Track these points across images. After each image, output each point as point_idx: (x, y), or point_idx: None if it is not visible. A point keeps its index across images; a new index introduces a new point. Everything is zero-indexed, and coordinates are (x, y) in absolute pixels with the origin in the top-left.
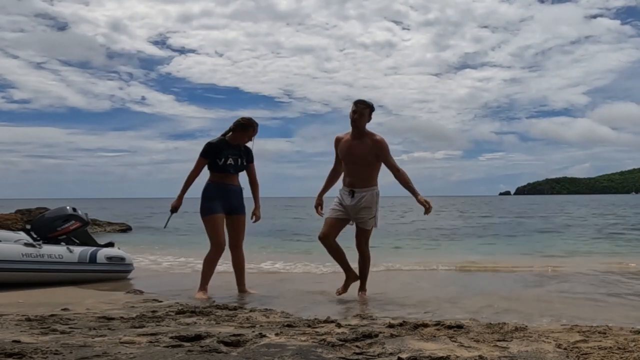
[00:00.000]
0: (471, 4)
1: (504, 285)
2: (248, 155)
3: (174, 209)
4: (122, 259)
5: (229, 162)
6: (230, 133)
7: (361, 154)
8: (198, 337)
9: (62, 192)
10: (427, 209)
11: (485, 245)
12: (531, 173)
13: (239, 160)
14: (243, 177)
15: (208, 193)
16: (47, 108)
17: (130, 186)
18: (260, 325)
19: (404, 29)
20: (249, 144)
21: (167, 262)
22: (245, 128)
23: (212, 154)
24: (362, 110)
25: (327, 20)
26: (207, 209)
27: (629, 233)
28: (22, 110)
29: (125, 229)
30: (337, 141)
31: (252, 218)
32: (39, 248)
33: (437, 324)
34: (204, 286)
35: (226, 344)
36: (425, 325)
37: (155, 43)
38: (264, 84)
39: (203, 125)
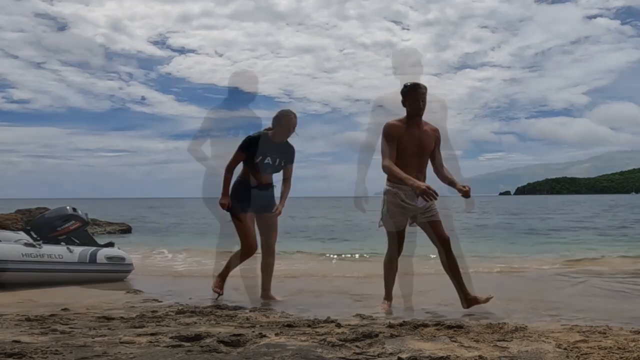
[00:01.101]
0: (471, 4)
1: (504, 285)
2: (288, 154)
3: (227, 206)
4: (122, 259)
5: (265, 161)
6: (272, 129)
7: (429, 145)
8: (198, 337)
9: (62, 192)
10: (467, 192)
11: (485, 245)
12: (531, 173)
13: (277, 160)
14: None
15: (238, 190)
16: (47, 108)
17: (130, 186)
18: (260, 325)
19: (403, 29)
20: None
21: (168, 262)
22: (279, 120)
23: (250, 149)
24: (426, 93)
25: (327, 20)
26: (236, 207)
27: (629, 233)
28: (22, 110)
29: (126, 229)
30: (396, 128)
31: (274, 210)
32: (39, 248)
33: (437, 324)
34: (222, 277)
35: (226, 344)
36: (425, 325)
37: (155, 43)
38: (264, 84)
39: None
